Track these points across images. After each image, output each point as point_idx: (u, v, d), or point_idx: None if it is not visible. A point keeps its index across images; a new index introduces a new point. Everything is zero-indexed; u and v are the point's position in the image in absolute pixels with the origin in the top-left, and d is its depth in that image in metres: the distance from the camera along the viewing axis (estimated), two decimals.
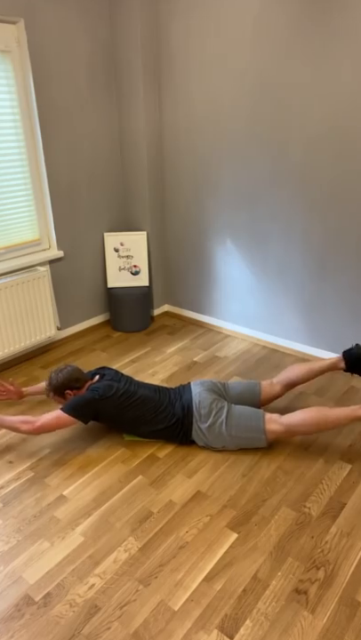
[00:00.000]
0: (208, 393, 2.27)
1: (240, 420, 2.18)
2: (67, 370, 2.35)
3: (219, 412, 2.21)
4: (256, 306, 3.29)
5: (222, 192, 3.16)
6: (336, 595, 1.59)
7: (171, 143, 3.33)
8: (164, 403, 2.28)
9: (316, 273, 2.89)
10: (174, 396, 2.33)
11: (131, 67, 3.16)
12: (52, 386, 2.35)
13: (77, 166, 3.23)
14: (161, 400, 2.29)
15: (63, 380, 2.33)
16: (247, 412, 2.21)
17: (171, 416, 2.25)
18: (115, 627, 1.52)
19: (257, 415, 2.19)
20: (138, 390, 2.30)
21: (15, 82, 2.79)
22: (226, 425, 2.18)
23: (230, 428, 2.18)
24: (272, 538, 1.81)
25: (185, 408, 2.25)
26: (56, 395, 2.36)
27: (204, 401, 2.23)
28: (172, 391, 2.38)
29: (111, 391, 2.23)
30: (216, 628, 1.50)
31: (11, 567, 1.73)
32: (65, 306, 3.44)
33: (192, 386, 2.35)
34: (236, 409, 2.22)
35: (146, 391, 2.31)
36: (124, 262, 3.59)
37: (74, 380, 2.34)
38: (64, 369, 2.36)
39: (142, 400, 2.25)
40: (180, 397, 2.31)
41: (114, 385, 2.26)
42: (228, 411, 2.21)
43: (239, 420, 2.18)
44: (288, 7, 2.48)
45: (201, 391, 2.28)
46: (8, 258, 3.05)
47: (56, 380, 2.34)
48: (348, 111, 2.46)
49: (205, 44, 2.88)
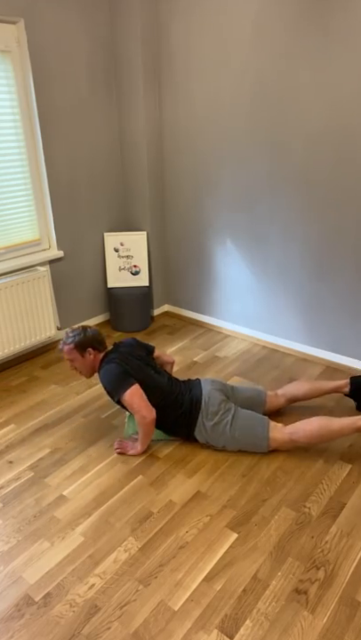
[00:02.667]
0: (218, 392, 2.27)
1: (246, 423, 2.19)
2: (93, 329, 2.28)
3: (226, 412, 2.20)
4: (256, 306, 3.29)
5: (222, 192, 3.16)
6: (336, 595, 1.59)
7: (171, 143, 3.33)
8: (175, 393, 2.27)
9: (316, 273, 2.89)
10: (184, 389, 2.31)
11: (131, 67, 3.16)
12: (77, 338, 2.24)
13: (77, 166, 3.23)
14: (173, 390, 2.27)
15: (92, 336, 2.25)
16: (253, 417, 2.21)
17: (179, 406, 2.24)
18: (115, 627, 1.52)
19: (263, 422, 2.19)
20: (153, 375, 2.26)
21: (15, 82, 2.79)
22: (231, 426, 2.18)
23: (235, 429, 2.18)
24: (272, 538, 1.81)
25: (193, 402, 2.23)
26: (76, 349, 2.24)
27: (213, 399, 2.22)
28: (182, 383, 2.36)
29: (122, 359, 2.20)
30: (216, 627, 1.50)
31: (11, 567, 1.73)
32: (65, 306, 3.44)
33: (202, 383, 2.34)
34: (242, 412, 2.22)
35: (160, 378, 2.29)
36: (124, 262, 3.59)
37: (98, 342, 2.28)
38: (89, 327, 2.29)
39: (155, 385, 2.23)
40: (190, 391, 2.30)
41: (128, 369, 2.20)
42: (234, 413, 2.21)
43: (245, 423, 2.19)
44: (288, 7, 2.48)
45: (211, 390, 2.27)
46: (8, 258, 3.05)
47: (84, 334, 2.24)
48: (348, 111, 2.46)
49: (205, 43, 2.88)
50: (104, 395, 2.78)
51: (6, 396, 2.81)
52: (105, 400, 2.73)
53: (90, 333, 2.27)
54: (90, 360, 2.28)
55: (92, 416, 2.59)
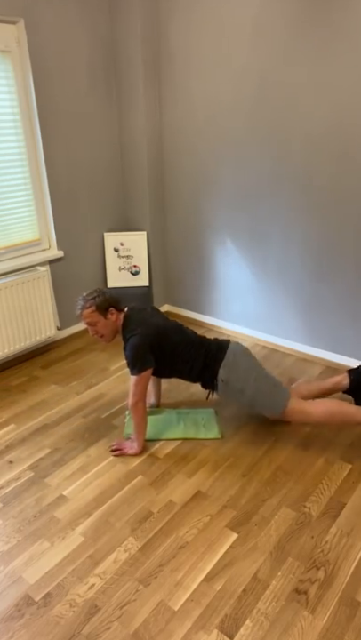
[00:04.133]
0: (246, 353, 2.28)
1: (271, 381, 2.20)
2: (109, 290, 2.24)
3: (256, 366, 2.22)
4: (256, 306, 3.29)
5: (222, 191, 3.16)
6: (336, 595, 1.59)
7: (171, 142, 3.33)
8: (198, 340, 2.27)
9: (316, 273, 2.89)
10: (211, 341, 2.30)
11: (131, 66, 3.16)
12: (98, 300, 2.18)
13: (77, 166, 3.23)
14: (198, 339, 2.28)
15: (111, 295, 2.21)
16: (279, 381, 2.23)
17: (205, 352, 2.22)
18: (115, 627, 1.52)
19: (285, 389, 2.21)
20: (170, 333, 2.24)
21: (15, 82, 2.79)
22: (257, 375, 2.18)
23: (260, 379, 2.17)
24: (272, 538, 1.81)
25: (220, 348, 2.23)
26: (98, 310, 2.18)
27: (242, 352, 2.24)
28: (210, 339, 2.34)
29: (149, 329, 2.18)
30: (216, 627, 1.50)
31: (11, 567, 1.73)
32: (65, 306, 3.44)
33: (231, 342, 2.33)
34: (268, 373, 2.23)
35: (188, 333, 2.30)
36: (124, 262, 3.59)
37: (117, 301, 2.25)
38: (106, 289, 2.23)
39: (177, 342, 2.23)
40: (218, 340, 2.30)
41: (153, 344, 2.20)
42: (262, 370, 2.22)
43: (270, 381, 2.19)
44: (288, 6, 2.48)
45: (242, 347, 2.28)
46: (8, 258, 3.05)
47: (104, 294, 2.20)
48: (348, 111, 2.46)
49: (206, 42, 2.88)
50: (104, 395, 2.79)
51: (6, 396, 2.81)
52: (105, 400, 2.73)
53: (108, 293, 2.22)
54: (112, 321, 2.22)
55: (92, 416, 2.59)
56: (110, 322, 2.22)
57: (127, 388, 2.83)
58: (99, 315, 2.19)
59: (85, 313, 2.19)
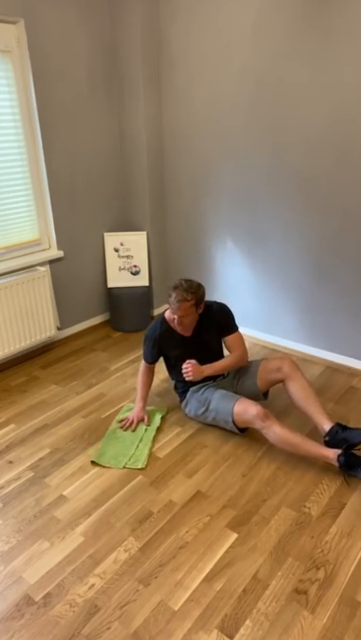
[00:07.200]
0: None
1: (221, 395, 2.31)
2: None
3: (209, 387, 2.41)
4: (256, 306, 3.29)
5: (222, 192, 3.16)
6: (336, 595, 1.59)
7: (171, 142, 3.33)
8: None
9: (316, 273, 2.89)
10: None
11: (131, 66, 3.16)
12: (198, 295, 2.18)
13: (77, 166, 3.23)
14: None
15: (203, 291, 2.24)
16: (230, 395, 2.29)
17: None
18: (115, 627, 1.52)
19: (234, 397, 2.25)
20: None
21: (15, 82, 2.79)
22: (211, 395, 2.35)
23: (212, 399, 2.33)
24: (272, 538, 1.81)
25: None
26: (196, 305, 2.19)
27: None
28: None
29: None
30: (216, 627, 1.50)
31: (11, 567, 1.73)
32: (65, 306, 3.44)
33: None
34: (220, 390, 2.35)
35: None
36: (124, 262, 3.59)
37: None
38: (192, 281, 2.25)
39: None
40: None
41: None
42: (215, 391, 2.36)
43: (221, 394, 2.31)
44: (288, 7, 2.48)
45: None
46: (8, 258, 3.05)
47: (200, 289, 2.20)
48: (348, 112, 2.46)
49: (205, 43, 2.88)
50: (104, 395, 2.79)
51: (6, 396, 2.81)
52: (105, 400, 2.73)
53: (202, 289, 2.22)
54: (197, 314, 2.25)
55: (92, 416, 2.59)
56: (197, 315, 2.25)
57: (127, 388, 2.83)
58: (195, 310, 2.20)
59: (185, 306, 2.16)
